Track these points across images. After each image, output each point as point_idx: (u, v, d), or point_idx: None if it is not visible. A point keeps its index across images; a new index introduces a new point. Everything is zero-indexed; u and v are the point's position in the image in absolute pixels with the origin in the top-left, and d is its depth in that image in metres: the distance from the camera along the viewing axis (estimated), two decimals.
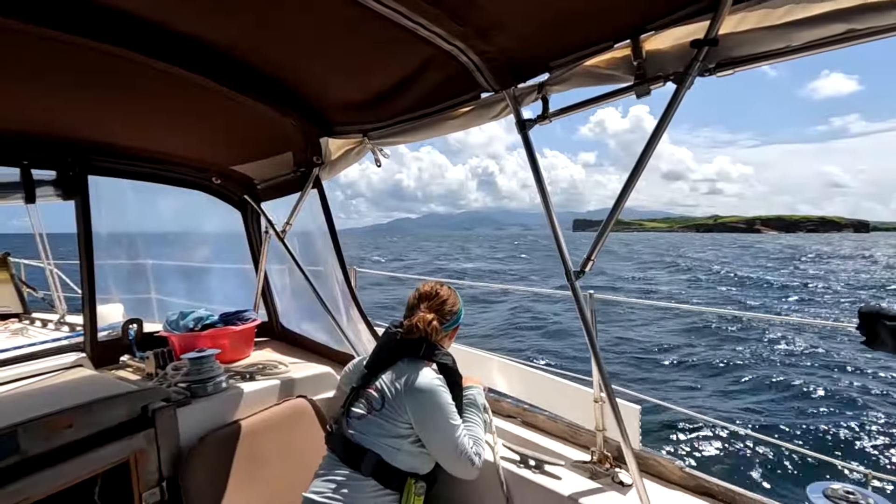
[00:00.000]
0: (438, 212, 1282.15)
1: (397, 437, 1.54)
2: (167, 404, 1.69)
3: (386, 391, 1.58)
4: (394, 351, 1.68)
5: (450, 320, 1.78)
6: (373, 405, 1.59)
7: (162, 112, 1.98)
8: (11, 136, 1.99)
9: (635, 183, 1.34)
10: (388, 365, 1.66)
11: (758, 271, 37.12)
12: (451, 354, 1.73)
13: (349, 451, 1.55)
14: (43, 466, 1.37)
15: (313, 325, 2.85)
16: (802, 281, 29.51)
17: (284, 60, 1.65)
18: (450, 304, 1.79)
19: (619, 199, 1.37)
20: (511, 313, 16.24)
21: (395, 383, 1.58)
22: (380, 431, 1.55)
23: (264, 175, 2.63)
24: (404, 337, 1.69)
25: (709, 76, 1.23)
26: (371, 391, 1.62)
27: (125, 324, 2.52)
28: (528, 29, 1.33)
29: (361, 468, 1.51)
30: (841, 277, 33.01)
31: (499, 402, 2.18)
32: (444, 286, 1.85)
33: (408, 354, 1.66)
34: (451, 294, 1.82)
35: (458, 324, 1.83)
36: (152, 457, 1.64)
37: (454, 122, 1.80)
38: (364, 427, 1.57)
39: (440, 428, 1.53)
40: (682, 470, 1.62)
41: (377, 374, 1.66)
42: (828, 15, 0.99)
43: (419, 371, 1.59)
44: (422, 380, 1.56)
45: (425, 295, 1.79)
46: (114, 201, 2.66)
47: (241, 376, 2.18)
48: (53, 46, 1.36)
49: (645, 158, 1.30)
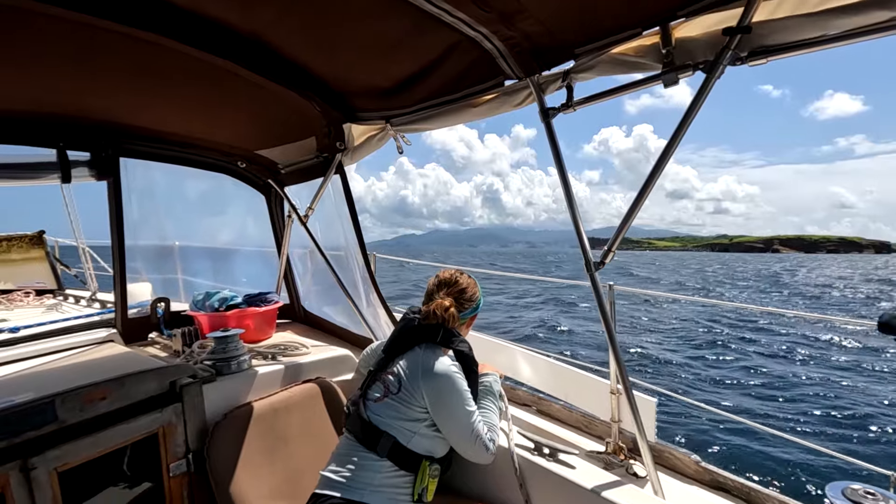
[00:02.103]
0: (443, 228, 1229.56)
1: (413, 420, 1.56)
2: (194, 381, 1.76)
3: (402, 375, 1.60)
4: (411, 336, 1.70)
5: (468, 308, 1.79)
6: (389, 389, 1.61)
7: (191, 97, 2.02)
8: (48, 119, 2.06)
9: (658, 176, 1.32)
10: (406, 350, 1.68)
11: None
12: (467, 342, 1.74)
13: (366, 433, 1.58)
14: (79, 435, 1.44)
15: (333, 308, 2.90)
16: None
17: (310, 47, 1.66)
18: (469, 292, 1.79)
19: (641, 192, 1.36)
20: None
21: (411, 368, 1.60)
22: (396, 414, 1.57)
23: (288, 160, 2.67)
24: (422, 323, 1.71)
25: (740, 65, 1.20)
26: (388, 375, 1.65)
27: (154, 302, 2.61)
28: (554, 14, 1.31)
29: (377, 450, 1.54)
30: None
31: (514, 391, 2.19)
32: (463, 274, 1.86)
33: (425, 340, 1.67)
34: (470, 282, 1.83)
35: (476, 312, 1.84)
36: (179, 430, 1.71)
37: (477, 109, 1.79)
38: (381, 410, 1.60)
39: (455, 413, 1.55)
40: (698, 464, 1.61)
41: (394, 358, 1.69)
42: (869, 1, 0.95)
43: (436, 357, 1.60)
44: (438, 365, 1.57)
45: (444, 282, 1.80)
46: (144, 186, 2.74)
47: (263, 356, 2.25)
48: (90, 33, 1.40)
49: (669, 151, 1.28)
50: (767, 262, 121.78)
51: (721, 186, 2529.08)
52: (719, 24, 1.16)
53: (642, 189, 1.36)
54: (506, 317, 16.50)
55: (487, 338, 2.45)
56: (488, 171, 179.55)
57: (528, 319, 15.58)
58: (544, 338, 12.53)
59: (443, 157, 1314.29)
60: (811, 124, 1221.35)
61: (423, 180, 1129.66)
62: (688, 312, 15.28)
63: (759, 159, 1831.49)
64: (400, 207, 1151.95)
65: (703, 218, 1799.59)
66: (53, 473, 1.37)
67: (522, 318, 16.07)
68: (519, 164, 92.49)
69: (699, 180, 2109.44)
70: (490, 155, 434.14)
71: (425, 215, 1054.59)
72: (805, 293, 33.40)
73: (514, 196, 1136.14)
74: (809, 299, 28.93)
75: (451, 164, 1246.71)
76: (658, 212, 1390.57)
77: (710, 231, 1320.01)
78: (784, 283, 40.07)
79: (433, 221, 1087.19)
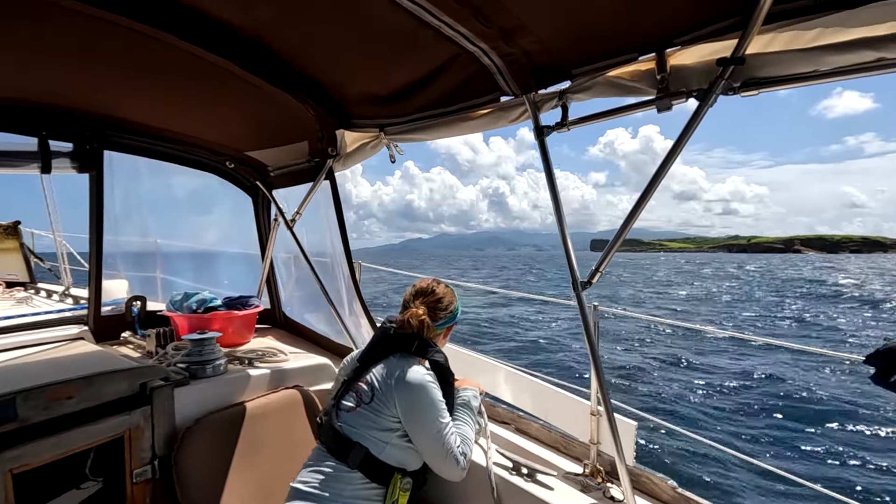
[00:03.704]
0: (450, 232, 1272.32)
1: (385, 430, 1.54)
2: (165, 383, 1.70)
3: (376, 384, 1.58)
4: (386, 345, 1.67)
5: (444, 318, 1.77)
6: (362, 398, 1.58)
7: (183, 92, 2.00)
8: (31, 106, 2.01)
9: (650, 198, 1.33)
10: (381, 359, 1.65)
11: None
12: (443, 352, 1.72)
13: (337, 443, 1.55)
14: (41, 435, 1.38)
15: (315, 315, 2.85)
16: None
17: (308, 50, 1.65)
18: (445, 302, 1.77)
19: (631, 213, 1.37)
20: None
21: (385, 377, 1.58)
22: (368, 424, 1.54)
23: (278, 162, 2.64)
24: (397, 332, 1.68)
25: (732, 95, 1.22)
26: (361, 384, 1.62)
27: (129, 300, 2.53)
28: (554, 35, 1.33)
29: (349, 461, 1.51)
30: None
31: (494, 408, 2.17)
32: (441, 284, 1.84)
33: (400, 349, 1.65)
34: (447, 292, 1.81)
35: (453, 322, 1.81)
36: (147, 434, 1.65)
37: (472, 123, 1.79)
38: (353, 420, 1.57)
39: (427, 424, 1.52)
40: (675, 490, 1.60)
41: (369, 367, 1.66)
42: (859, 41, 0.98)
43: (410, 366, 1.58)
44: (412, 375, 1.55)
45: (420, 291, 1.78)
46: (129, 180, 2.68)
47: (240, 361, 2.19)
48: (80, 21, 1.37)
49: (661, 174, 1.29)
50: (799, 265, 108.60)
51: (729, 187, 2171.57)
52: (714, 54, 1.18)
53: (633, 210, 1.37)
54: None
55: (468, 353, 2.43)
56: (494, 174, 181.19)
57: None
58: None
59: (448, 160, 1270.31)
60: (819, 123, 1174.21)
61: (428, 184, 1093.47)
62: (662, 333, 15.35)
63: (767, 159, 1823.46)
64: (406, 212, 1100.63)
65: (711, 219, 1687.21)
66: (8, 475, 1.31)
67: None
68: (525, 166, 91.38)
69: (707, 181, 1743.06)
70: (495, 158, 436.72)
71: (431, 219, 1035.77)
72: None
73: (520, 199, 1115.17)
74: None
75: (457, 167, 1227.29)
76: (666, 213, 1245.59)
77: (720, 232, 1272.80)
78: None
79: (439, 225, 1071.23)
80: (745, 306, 27.09)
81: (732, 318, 22.22)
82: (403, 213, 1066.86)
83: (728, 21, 1.11)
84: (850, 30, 0.98)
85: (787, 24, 1.05)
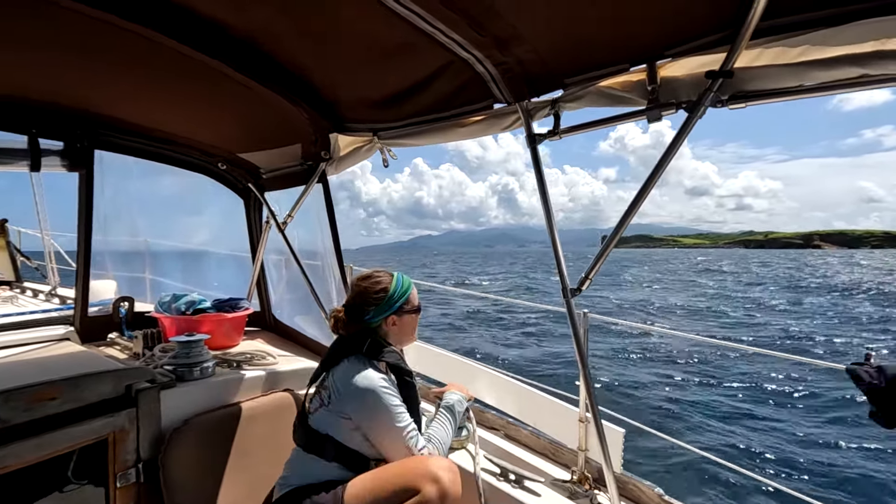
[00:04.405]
0: (459, 229, 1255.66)
1: (349, 430, 1.53)
2: (151, 385, 1.68)
3: (332, 390, 1.56)
4: (340, 349, 1.64)
5: (374, 307, 1.64)
6: (324, 401, 1.58)
7: (176, 93, 1.99)
8: (22, 104, 1.99)
9: (639, 207, 1.35)
10: (337, 362, 1.61)
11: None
12: (396, 351, 1.66)
13: (310, 439, 1.55)
14: (23, 436, 1.36)
15: (305, 318, 2.84)
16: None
17: (302, 53, 1.65)
18: (376, 290, 1.64)
19: (620, 223, 1.38)
20: None
21: (337, 384, 1.55)
22: (334, 424, 1.54)
23: (271, 165, 2.63)
24: (347, 334, 1.66)
25: (721, 107, 1.24)
26: (321, 389, 1.62)
27: (116, 301, 2.51)
28: (547, 44, 1.35)
29: (324, 455, 1.52)
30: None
31: (483, 414, 2.17)
32: (378, 272, 1.72)
33: (353, 352, 1.60)
34: (382, 278, 1.68)
35: (394, 310, 1.66)
36: (131, 437, 1.62)
37: (465, 129, 1.80)
38: (320, 419, 1.56)
39: (384, 431, 1.50)
40: (662, 497, 1.61)
41: (329, 369, 1.62)
42: (844, 58, 1.00)
43: (359, 372, 1.53)
44: (360, 381, 1.51)
45: (353, 284, 1.73)
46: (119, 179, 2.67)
47: (228, 364, 2.17)
48: (73, 20, 1.36)
49: (651, 184, 1.31)
50: (831, 262, 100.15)
51: (742, 182, 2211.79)
52: (703, 67, 1.20)
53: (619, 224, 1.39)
54: None
55: (458, 358, 2.44)
56: (503, 170, 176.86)
57: None
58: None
59: (457, 157, 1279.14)
60: (836, 116, 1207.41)
61: (437, 181, 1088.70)
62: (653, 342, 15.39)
63: (781, 154, 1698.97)
64: (415, 209, 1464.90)
65: (724, 215, 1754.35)
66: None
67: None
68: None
69: (719, 176, 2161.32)
70: (504, 154, 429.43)
71: (441, 216, 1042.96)
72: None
73: (529, 195, 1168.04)
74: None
75: (466, 164, 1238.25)
76: (677, 209, 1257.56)
77: (732, 228, 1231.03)
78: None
79: (449, 222, 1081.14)
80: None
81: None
82: (413, 210, 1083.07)
83: (717, 35, 1.13)
84: (834, 47, 1.00)
85: (774, 39, 1.07)
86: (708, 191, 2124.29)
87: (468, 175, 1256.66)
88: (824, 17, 0.99)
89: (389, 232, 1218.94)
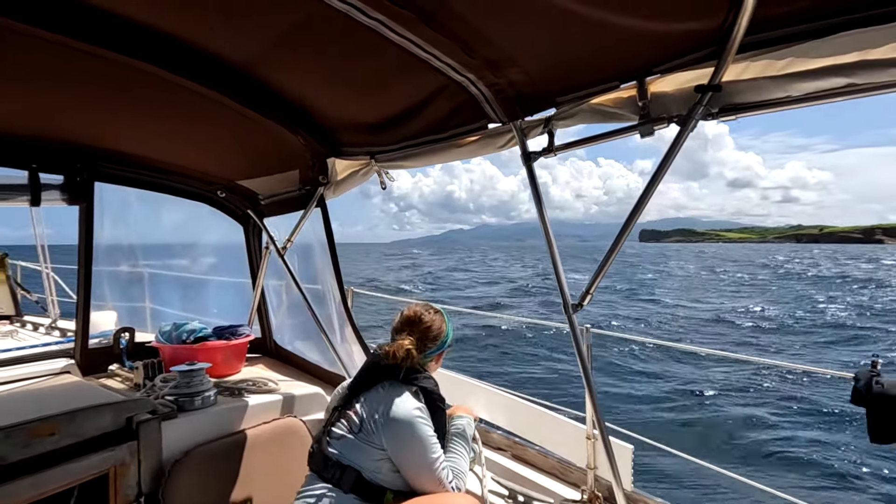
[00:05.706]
0: (490, 223, 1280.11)
1: (376, 460, 1.51)
2: (152, 417, 1.66)
3: (364, 416, 1.55)
4: (375, 374, 1.64)
5: (433, 347, 1.73)
6: (352, 427, 1.56)
7: (174, 124, 2.02)
8: (22, 139, 2.02)
9: (636, 220, 1.36)
10: (369, 387, 1.62)
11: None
12: (433, 378, 1.68)
13: (329, 469, 1.52)
14: (21, 474, 1.33)
15: (307, 343, 2.82)
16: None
17: (298, 80, 1.68)
18: (434, 330, 1.73)
19: (618, 237, 1.39)
20: None
21: (373, 410, 1.54)
22: (359, 453, 1.51)
23: (269, 191, 2.65)
24: (383, 362, 1.66)
25: (711, 120, 1.27)
26: (350, 413, 1.59)
27: (117, 332, 2.49)
28: (537, 65, 1.37)
29: (342, 485, 1.48)
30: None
31: (489, 434, 2.14)
32: (430, 310, 1.80)
33: (388, 378, 1.62)
34: (435, 318, 1.76)
35: (443, 349, 1.77)
36: (133, 470, 1.60)
37: (461, 150, 1.82)
38: (343, 447, 1.54)
39: (417, 462, 1.49)
40: None
41: (358, 395, 1.63)
42: (829, 69, 1.02)
43: (398, 398, 1.54)
44: (398, 409, 1.51)
45: (407, 320, 1.75)
46: (118, 210, 2.68)
47: (230, 392, 2.15)
48: (70, 54, 1.39)
49: (647, 197, 1.32)
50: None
51: (789, 173, 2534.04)
52: (692, 82, 1.22)
53: (620, 232, 1.40)
54: None
55: (462, 378, 2.41)
56: (536, 164, 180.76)
57: None
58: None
59: None
60: (888, 101, 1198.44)
61: (469, 175, 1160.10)
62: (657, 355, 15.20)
63: (830, 143, 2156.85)
64: (446, 203, 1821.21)
65: (767, 207, 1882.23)
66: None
67: None
68: (567, 155, 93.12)
69: (763, 167, 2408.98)
70: (536, 147, 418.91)
71: (472, 210, 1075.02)
72: None
73: (562, 189, 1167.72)
74: None
75: (497, 157, 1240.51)
76: (717, 202, 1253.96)
77: (776, 221, 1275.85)
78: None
79: (480, 216, 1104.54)
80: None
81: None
82: (444, 204, 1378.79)
83: (704, 51, 1.16)
84: (819, 58, 1.02)
85: (759, 53, 1.09)
86: (751, 182, 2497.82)
87: (500, 169, 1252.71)
88: (807, 31, 1.01)
89: (421, 226, 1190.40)
